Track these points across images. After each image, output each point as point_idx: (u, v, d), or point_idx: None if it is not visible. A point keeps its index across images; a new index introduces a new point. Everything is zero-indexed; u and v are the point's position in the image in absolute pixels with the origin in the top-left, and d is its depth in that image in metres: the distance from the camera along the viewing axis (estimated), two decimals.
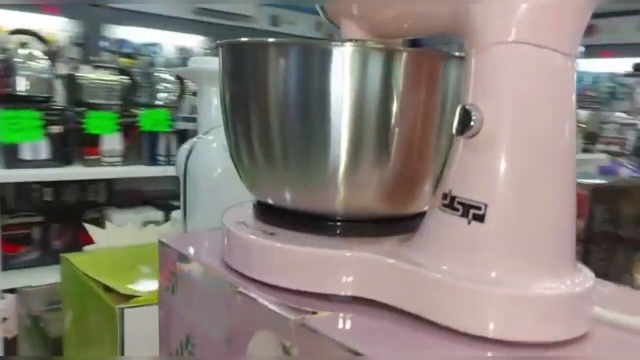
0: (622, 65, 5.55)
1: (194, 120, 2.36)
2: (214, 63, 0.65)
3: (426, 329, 0.30)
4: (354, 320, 0.32)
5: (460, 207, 0.31)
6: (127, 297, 0.53)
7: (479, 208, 0.30)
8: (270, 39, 0.37)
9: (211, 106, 0.63)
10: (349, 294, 0.34)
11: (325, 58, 0.35)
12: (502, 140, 0.30)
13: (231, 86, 0.40)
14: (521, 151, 0.30)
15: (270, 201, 0.40)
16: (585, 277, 0.31)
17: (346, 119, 0.35)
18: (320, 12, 0.41)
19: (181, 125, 2.27)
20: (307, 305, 0.32)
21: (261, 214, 0.41)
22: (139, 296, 0.52)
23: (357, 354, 0.28)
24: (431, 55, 0.35)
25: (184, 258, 0.42)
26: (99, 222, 1.20)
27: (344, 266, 0.34)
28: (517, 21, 0.29)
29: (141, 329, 0.52)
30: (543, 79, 0.29)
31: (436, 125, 0.36)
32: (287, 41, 0.37)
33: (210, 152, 0.60)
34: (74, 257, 0.63)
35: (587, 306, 0.31)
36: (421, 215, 0.38)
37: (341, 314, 0.32)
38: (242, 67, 0.39)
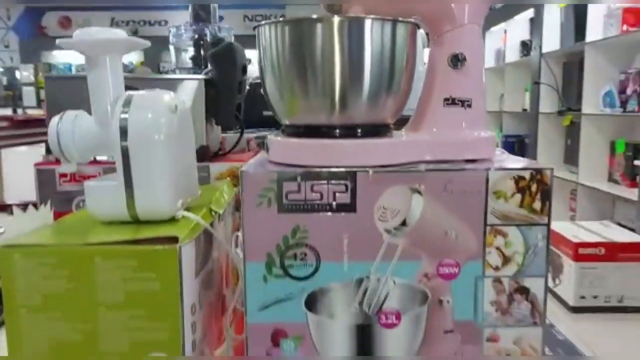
0: None
1: None
2: (105, 33, 0.69)
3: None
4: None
5: (459, 102, 0.63)
6: (156, 241, 0.59)
7: (468, 101, 0.63)
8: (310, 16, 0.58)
9: (107, 76, 0.68)
10: (400, 162, 0.61)
11: (353, 28, 0.59)
12: (474, 67, 0.63)
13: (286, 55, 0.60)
14: (480, 71, 0.64)
15: (316, 122, 0.61)
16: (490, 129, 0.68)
17: (366, 69, 0.60)
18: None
19: None
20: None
21: (305, 134, 0.61)
22: (175, 236, 0.60)
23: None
24: (411, 25, 0.64)
25: (285, 174, 0.57)
26: None
27: (395, 147, 0.61)
28: (471, 12, 0.63)
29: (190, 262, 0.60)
30: (479, 38, 0.65)
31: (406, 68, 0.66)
32: (327, 15, 0.59)
33: (148, 119, 0.67)
34: (26, 239, 0.59)
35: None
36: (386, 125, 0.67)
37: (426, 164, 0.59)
38: (308, 39, 0.59)
